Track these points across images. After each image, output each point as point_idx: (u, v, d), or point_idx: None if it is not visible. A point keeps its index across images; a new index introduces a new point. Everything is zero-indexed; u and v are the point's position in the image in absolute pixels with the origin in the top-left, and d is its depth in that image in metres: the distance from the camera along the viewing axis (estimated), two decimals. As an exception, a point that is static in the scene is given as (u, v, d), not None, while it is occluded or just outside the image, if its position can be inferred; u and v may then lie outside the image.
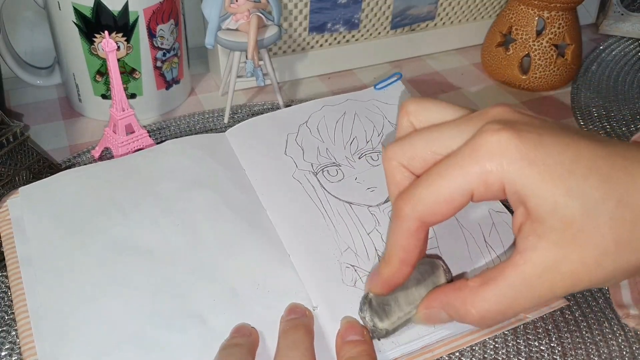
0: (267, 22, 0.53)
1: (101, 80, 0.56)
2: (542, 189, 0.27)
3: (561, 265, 0.27)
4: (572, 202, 0.26)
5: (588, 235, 0.26)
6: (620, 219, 0.26)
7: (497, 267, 0.29)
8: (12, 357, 0.37)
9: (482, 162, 0.28)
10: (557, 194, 0.27)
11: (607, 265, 0.27)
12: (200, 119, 0.58)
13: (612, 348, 0.38)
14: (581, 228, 0.26)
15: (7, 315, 0.39)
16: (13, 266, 0.39)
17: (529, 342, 0.38)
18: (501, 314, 0.29)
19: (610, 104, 0.63)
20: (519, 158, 0.27)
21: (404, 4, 0.65)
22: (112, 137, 0.50)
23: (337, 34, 0.64)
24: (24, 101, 0.61)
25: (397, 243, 0.31)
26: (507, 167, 0.27)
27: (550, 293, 0.28)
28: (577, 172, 0.27)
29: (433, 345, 0.37)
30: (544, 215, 0.27)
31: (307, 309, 0.38)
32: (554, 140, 0.28)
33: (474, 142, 0.28)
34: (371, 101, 0.52)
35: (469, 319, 0.30)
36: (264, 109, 0.59)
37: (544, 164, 0.27)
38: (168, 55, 0.57)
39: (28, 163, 0.45)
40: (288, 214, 0.43)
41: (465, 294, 0.30)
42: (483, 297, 0.29)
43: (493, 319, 0.29)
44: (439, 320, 0.33)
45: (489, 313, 0.29)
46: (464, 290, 0.30)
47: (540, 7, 0.62)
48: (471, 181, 0.28)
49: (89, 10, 0.52)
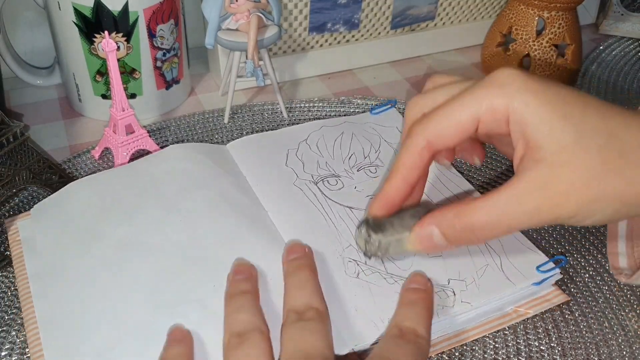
0: (267, 22, 0.53)
1: (101, 80, 0.56)
2: (540, 113, 0.30)
3: (551, 184, 0.29)
4: (567, 127, 0.29)
5: (578, 159, 0.29)
6: (609, 149, 0.29)
7: (494, 189, 0.31)
8: (12, 357, 0.37)
9: (491, 90, 0.31)
10: (554, 118, 0.29)
11: (593, 187, 0.29)
12: (200, 119, 0.58)
13: (612, 348, 0.38)
14: (573, 152, 0.29)
15: (7, 315, 0.39)
16: (22, 283, 0.40)
17: (529, 342, 0.38)
18: (489, 227, 0.31)
19: (610, 104, 0.63)
20: (525, 89, 0.30)
21: (404, 4, 0.65)
22: (112, 137, 0.50)
23: (337, 34, 0.64)
24: (24, 101, 0.61)
25: (401, 161, 0.34)
26: (513, 95, 0.30)
27: (537, 211, 0.30)
28: (575, 105, 0.30)
29: (434, 340, 0.37)
30: (541, 139, 0.29)
31: (306, 245, 0.39)
32: (558, 85, 0.31)
33: (486, 78, 0.32)
34: (368, 124, 0.54)
35: (459, 230, 0.32)
36: (264, 109, 0.59)
37: (544, 94, 0.30)
38: (168, 55, 0.57)
39: (28, 163, 0.45)
40: (289, 214, 0.43)
41: (459, 207, 0.32)
42: (474, 207, 0.31)
43: (482, 230, 0.31)
44: (431, 242, 0.33)
45: (478, 223, 0.31)
46: (458, 205, 0.32)
47: (540, 7, 0.62)
48: (480, 107, 0.31)
49: (89, 10, 0.52)
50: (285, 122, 0.57)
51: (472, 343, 0.38)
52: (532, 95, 0.30)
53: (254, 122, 0.57)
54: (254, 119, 0.58)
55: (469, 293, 0.38)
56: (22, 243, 0.42)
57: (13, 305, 0.40)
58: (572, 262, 0.44)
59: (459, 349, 0.38)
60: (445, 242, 0.33)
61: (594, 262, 0.44)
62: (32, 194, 0.48)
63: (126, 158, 0.50)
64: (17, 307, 0.40)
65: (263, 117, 0.58)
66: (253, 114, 0.58)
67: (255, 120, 0.58)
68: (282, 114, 0.58)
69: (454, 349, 0.38)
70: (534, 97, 0.30)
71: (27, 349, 0.37)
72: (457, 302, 0.38)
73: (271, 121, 0.57)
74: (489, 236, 0.32)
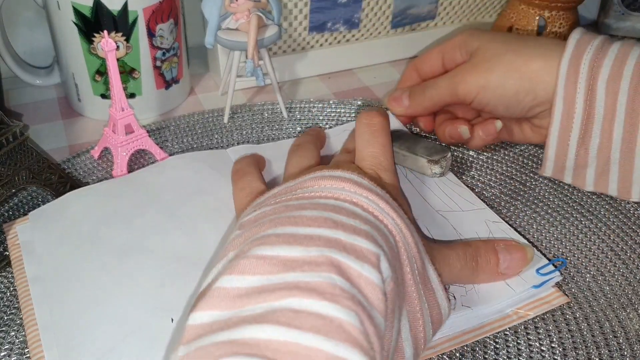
0: (267, 21, 0.53)
1: (100, 80, 0.56)
2: (479, 38, 0.49)
3: (483, 62, 0.47)
4: (491, 45, 0.48)
5: (495, 65, 0.47)
6: (513, 60, 0.46)
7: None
8: (11, 357, 0.37)
9: (452, 38, 0.51)
10: (484, 40, 0.49)
11: (503, 88, 0.46)
12: (200, 118, 0.57)
13: (612, 348, 0.38)
14: (491, 60, 0.47)
15: (6, 316, 0.39)
16: (22, 286, 0.40)
17: (530, 343, 0.38)
18: (439, 86, 0.50)
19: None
20: (473, 31, 0.50)
21: (404, 3, 0.65)
22: (111, 137, 0.50)
23: (337, 34, 0.64)
24: (23, 101, 0.61)
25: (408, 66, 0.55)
26: (466, 36, 0.50)
27: (476, 76, 0.47)
28: (497, 37, 0.49)
29: (435, 341, 0.37)
30: (477, 51, 0.48)
31: (320, 129, 0.52)
32: (494, 32, 0.62)
33: None
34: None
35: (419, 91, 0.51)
36: (264, 109, 0.59)
37: (483, 32, 0.50)
38: (167, 54, 0.57)
39: (27, 163, 0.45)
40: None
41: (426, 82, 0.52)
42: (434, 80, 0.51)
43: (431, 88, 0.50)
44: (399, 101, 0.52)
45: (431, 83, 0.51)
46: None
47: (541, 6, 0.62)
48: (445, 46, 0.51)
49: (89, 10, 0.52)
50: (285, 121, 0.57)
51: (473, 344, 0.38)
52: (477, 32, 0.50)
53: (253, 122, 0.57)
54: (253, 118, 0.58)
55: (468, 298, 0.39)
56: (22, 247, 0.42)
57: (12, 306, 0.40)
58: (572, 263, 0.44)
59: (460, 350, 0.38)
60: (408, 101, 0.51)
61: (594, 263, 0.44)
62: (32, 194, 0.48)
63: (125, 158, 0.50)
64: (16, 307, 0.40)
65: (263, 117, 0.58)
66: (253, 113, 0.58)
67: (255, 120, 0.57)
68: (282, 113, 0.58)
69: (454, 350, 0.38)
70: (478, 33, 0.50)
71: (26, 349, 0.37)
72: (457, 305, 0.38)
73: (271, 121, 0.57)
74: (435, 95, 0.49)
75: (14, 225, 0.44)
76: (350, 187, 0.33)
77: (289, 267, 0.27)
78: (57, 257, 0.41)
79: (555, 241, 0.45)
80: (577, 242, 0.45)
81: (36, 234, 0.43)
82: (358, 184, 0.33)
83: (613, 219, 0.47)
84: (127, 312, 0.37)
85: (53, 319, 0.37)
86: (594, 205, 0.48)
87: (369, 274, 0.27)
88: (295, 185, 0.34)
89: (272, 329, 0.24)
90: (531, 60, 0.46)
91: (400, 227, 0.32)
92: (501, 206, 0.48)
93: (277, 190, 0.35)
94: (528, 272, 0.40)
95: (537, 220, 0.47)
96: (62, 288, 0.39)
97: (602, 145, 0.45)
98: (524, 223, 0.47)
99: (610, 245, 0.45)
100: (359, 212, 0.31)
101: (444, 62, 0.51)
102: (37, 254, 0.41)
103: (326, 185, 0.33)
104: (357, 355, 0.24)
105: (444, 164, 0.48)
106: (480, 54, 0.48)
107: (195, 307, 0.27)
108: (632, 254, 0.44)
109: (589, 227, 0.46)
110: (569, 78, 0.45)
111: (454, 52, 0.50)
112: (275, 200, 0.33)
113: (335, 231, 0.29)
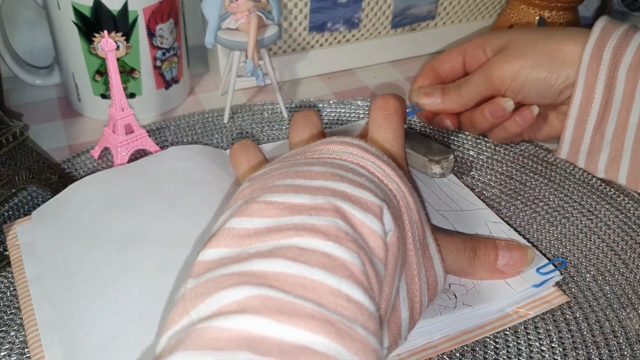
0: (267, 21, 0.53)
1: (100, 80, 0.56)
2: (506, 33, 0.51)
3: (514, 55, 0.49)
4: (522, 36, 0.50)
5: (529, 52, 0.48)
6: (546, 45, 0.48)
7: None
8: (11, 357, 0.37)
9: (472, 40, 0.53)
10: (514, 34, 0.51)
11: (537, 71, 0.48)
12: (200, 118, 0.57)
13: (612, 348, 0.38)
14: (524, 48, 0.49)
15: (6, 316, 0.39)
16: (22, 286, 0.40)
17: (530, 343, 0.38)
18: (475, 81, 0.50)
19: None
20: (496, 31, 0.55)
21: (404, 3, 0.65)
22: (111, 137, 0.50)
23: (337, 34, 0.64)
24: (23, 101, 0.61)
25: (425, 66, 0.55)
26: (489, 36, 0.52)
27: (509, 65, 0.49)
28: (526, 29, 0.54)
29: (436, 341, 0.37)
30: (509, 43, 0.50)
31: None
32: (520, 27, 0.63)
33: None
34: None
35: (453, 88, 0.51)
36: (264, 109, 0.59)
37: (508, 30, 0.55)
38: (167, 54, 0.57)
39: (27, 163, 0.45)
40: None
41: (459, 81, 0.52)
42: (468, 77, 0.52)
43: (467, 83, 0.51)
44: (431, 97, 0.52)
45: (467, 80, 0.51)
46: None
47: (541, 6, 0.62)
48: (465, 47, 0.52)
49: (89, 10, 0.52)
50: (285, 121, 0.57)
51: (473, 344, 0.38)
52: (497, 32, 0.54)
53: (253, 122, 0.57)
54: (253, 118, 0.58)
55: (469, 297, 0.39)
56: (21, 247, 0.42)
57: (12, 306, 0.40)
58: (572, 263, 0.44)
59: (460, 350, 0.38)
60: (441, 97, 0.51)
61: (594, 263, 0.44)
62: (32, 194, 0.48)
63: (125, 158, 0.50)
64: (16, 307, 0.40)
65: (263, 117, 0.58)
66: (253, 113, 0.58)
67: (255, 120, 0.57)
68: (282, 113, 0.58)
69: (454, 350, 0.38)
70: (498, 32, 0.53)
71: (26, 349, 0.37)
72: (458, 304, 0.38)
73: (271, 121, 0.57)
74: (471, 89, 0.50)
75: (14, 226, 0.44)
76: (358, 151, 0.33)
77: (296, 211, 0.28)
78: (58, 251, 0.41)
79: (555, 241, 0.45)
80: (577, 242, 0.45)
81: (38, 232, 0.42)
82: (366, 150, 0.34)
83: (613, 219, 0.47)
84: (128, 300, 0.37)
85: (53, 317, 0.37)
86: (594, 205, 0.48)
87: (371, 223, 0.29)
88: (304, 150, 0.35)
89: (280, 263, 0.26)
90: (562, 45, 0.48)
91: (404, 193, 0.33)
92: (501, 206, 0.48)
93: (284, 155, 0.36)
94: (528, 271, 0.41)
95: (537, 220, 0.47)
96: (63, 284, 0.39)
97: (617, 131, 0.47)
98: (524, 223, 0.47)
99: (610, 245, 0.45)
100: (365, 173, 0.32)
101: (465, 61, 0.53)
102: (37, 253, 0.41)
103: (335, 149, 0.34)
104: (358, 292, 0.26)
105: (444, 165, 0.48)
106: (512, 44, 0.49)
107: (205, 246, 0.28)
108: (632, 254, 0.44)
109: (589, 227, 0.46)
110: (591, 64, 0.47)
111: (476, 52, 0.52)
112: (284, 161, 0.34)
113: (341, 184, 0.30)
